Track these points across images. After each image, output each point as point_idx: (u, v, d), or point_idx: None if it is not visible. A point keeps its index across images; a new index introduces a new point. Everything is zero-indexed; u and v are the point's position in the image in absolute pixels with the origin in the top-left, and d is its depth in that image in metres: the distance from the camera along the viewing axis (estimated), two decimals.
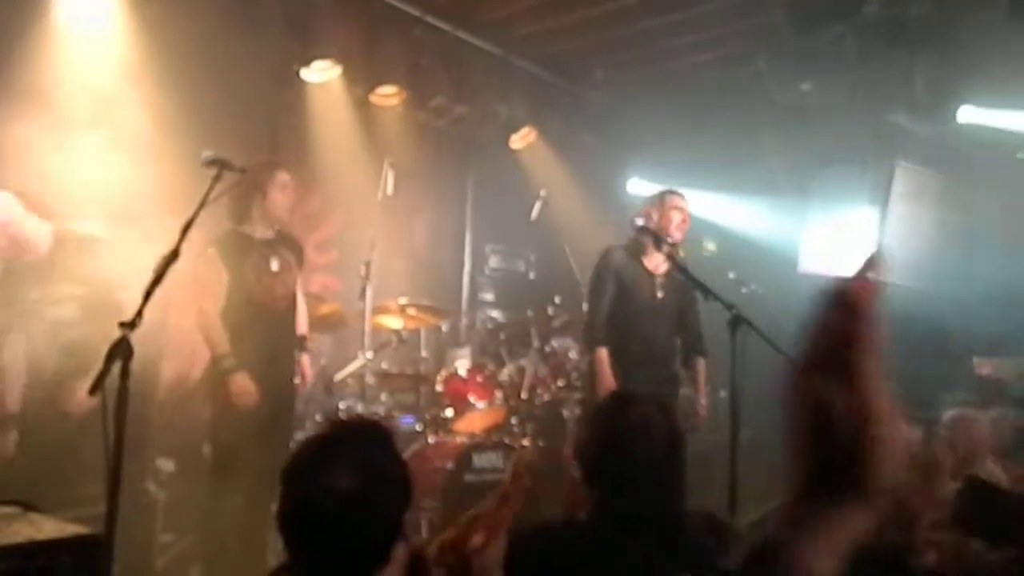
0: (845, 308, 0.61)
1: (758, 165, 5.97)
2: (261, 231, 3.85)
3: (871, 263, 0.68)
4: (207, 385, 3.86)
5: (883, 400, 0.59)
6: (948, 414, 3.67)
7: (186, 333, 4.45)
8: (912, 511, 1.95)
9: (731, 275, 5.06)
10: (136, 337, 2.30)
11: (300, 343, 4.12)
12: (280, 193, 3.86)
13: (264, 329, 3.75)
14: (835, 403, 0.58)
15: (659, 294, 4.15)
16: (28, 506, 1.51)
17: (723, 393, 4.92)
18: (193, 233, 2.59)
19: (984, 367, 4.94)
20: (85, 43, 4.11)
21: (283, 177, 3.88)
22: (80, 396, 2.15)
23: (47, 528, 1.40)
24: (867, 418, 0.58)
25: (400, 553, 1.49)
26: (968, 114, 4.96)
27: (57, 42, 4.02)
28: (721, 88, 5.89)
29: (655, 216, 4.12)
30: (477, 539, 1.82)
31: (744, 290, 5.00)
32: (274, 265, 3.82)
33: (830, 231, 5.98)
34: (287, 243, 3.96)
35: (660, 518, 1.75)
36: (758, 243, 6.19)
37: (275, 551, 3.71)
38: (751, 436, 4.17)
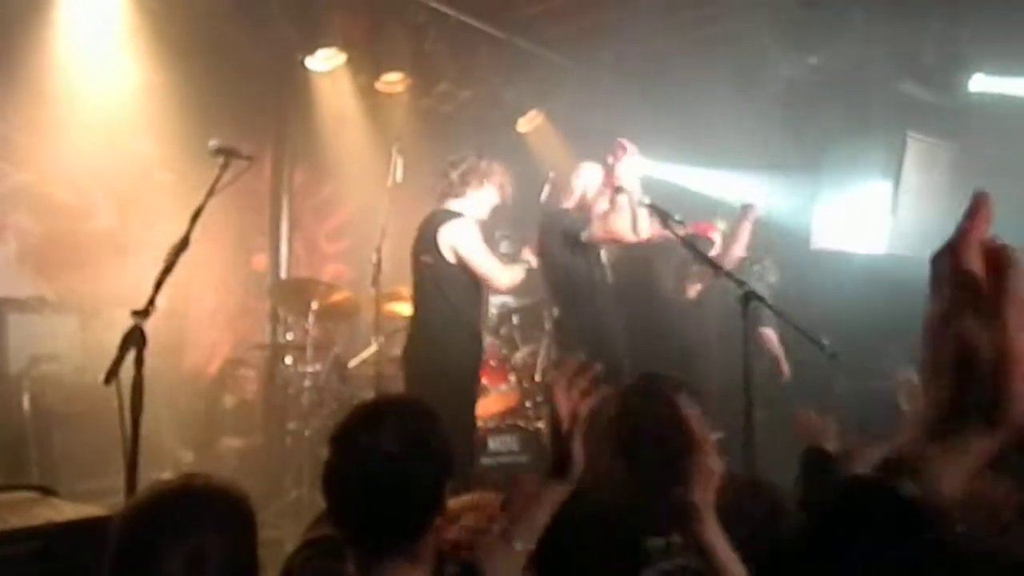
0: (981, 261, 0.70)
1: (767, 141, 5.90)
2: None
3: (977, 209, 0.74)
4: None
5: (1020, 343, 0.66)
6: None
7: (205, 325, 4.47)
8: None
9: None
10: (157, 327, 2.32)
11: None
12: None
13: None
14: (979, 343, 0.66)
15: None
16: (47, 491, 1.53)
17: None
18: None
19: None
20: (89, 36, 4.13)
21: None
22: None
23: (66, 511, 1.42)
24: (1007, 356, 0.66)
25: (439, 527, 1.50)
26: (980, 83, 4.88)
27: (60, 36, 4.04)
28: (727, 64, 5.82)
29: None
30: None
31: (756, 267, 4.96)
32: None
33: (842, 206, 5.92)
34: None
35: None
36: (769, 221, 6.13)
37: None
38: (767, 415, 4.15)
